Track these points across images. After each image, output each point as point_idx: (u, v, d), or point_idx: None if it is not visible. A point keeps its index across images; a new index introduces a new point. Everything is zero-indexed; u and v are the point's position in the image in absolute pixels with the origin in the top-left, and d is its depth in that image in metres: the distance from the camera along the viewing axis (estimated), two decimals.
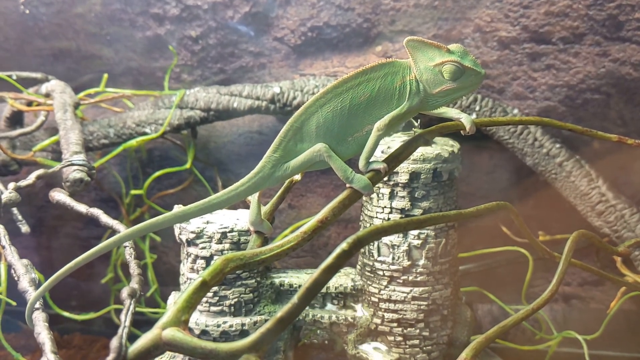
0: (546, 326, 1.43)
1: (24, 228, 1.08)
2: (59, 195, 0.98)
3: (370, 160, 0.84)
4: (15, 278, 0.86)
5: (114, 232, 1.63)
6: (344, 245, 0.69)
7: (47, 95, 1.39)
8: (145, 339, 0.66)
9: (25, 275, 0.84)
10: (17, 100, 1.37)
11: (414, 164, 1.02)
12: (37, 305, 0.79)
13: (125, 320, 0.67)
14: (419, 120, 1.07)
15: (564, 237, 1.43)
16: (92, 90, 1.43)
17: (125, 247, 0.91)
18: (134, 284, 0.74)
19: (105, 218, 0.93)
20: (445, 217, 0.76)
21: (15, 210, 1.08)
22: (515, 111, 1.36)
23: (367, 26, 1.44)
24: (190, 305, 0.71)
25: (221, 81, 1.53)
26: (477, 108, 1.34)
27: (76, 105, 1.29)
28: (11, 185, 1.00)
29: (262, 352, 0.69)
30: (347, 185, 0.83)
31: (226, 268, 0.77)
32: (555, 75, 1.39)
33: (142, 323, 1.68)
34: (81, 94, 1.40)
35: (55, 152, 1.45)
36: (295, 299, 0.69)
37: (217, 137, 1.57)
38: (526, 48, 1.38)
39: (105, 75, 1.42)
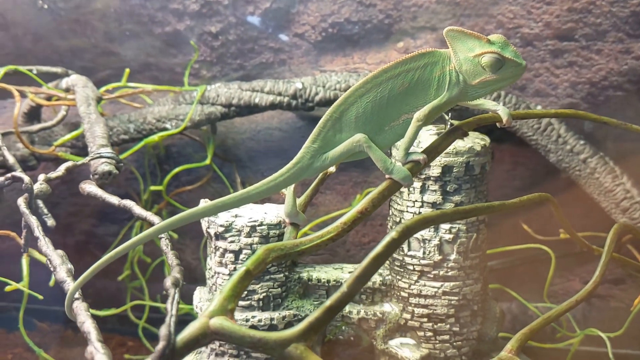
0: (567, 324, 1.42)
1: (50, 222, 1.07)
2: (90, 187, 0.97)
3: (409, 151, 0.83)
4: (51, 269, 0.85)
5: (131, 228, 1.64)
6: (393, 234, 0.68)
7: (67, 90, 1.38)
8: (193, 328, 0.65)
9: (62, 265, 0.83)
10: (37, 95, 1.36)
11: (447, 157, 1.02)
12: (77, 295, 0.78)
13: (171, 309, 0.67)
14: (449, 114, 1.06)
15: (586, 235, 1.43)
16: (113, 85, 1.42)
17: (160, 238, 0.90)
18: (176, 273, 0.74)
19: (138, 209, 0.92)
20: (490, 208, 0.75)
21: (41, 203, 1.07)
22: (539, 107, 1.36)
23: (389, 22, 1.44)
24: (235, 294, 0.70)
25: (240, 77, 1.52)
26: (500, 104, 1.33)
27: (98, 100, 1.28)
28: (41, 176, 0.99)
29: (311, 341, 0.69)
30: (387, 176, 0.83)
31: (268, 258, 0.76)
32: (578, 72, 1.39)
33: (155, 321, 1.67)
34: (102, 89, 1.39)
35: (75, 148, 1.44)
36: (344, 287, 0.68)
37: (235, 133, 1.56)
38: (549, 45, 1.38)
39: (127, 70, 1.41)
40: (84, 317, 0.71)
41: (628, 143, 1.39)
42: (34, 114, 1.50)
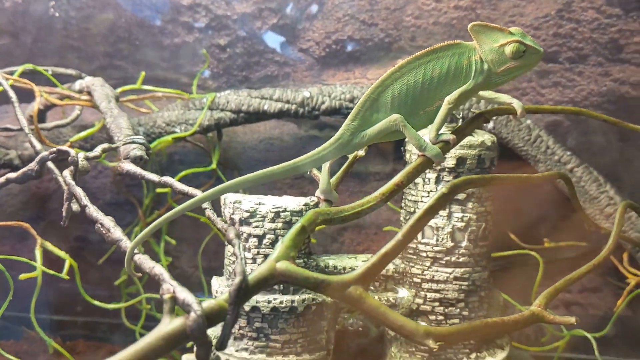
0: (554, 327, 1.50)
1: (75, 207, 1.11)
2: (128, 166, 1.02)
3: (439, 132, 0.91)
4: (104, 232, 0.89)
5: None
6: (443, 189, 0.75)
7: (81, 92, 1.42)
8: (261, 269, 0.71)
9: (116, 228, 0.87)
10: (50, 95, 1.40)
11: (461, 149, 1.10)
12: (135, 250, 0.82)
13: (240, 252, 0.71)
14: (460, 113, 1.15)
15: (568, 245, 1.53)
16: (127, 87, 1.47)
17: (205, 208, 0.95)
18: (233, 228, 0.79)
19: (179, 185, 0.97)
20: (520, 178, 0.83)
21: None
22: (529, 121, 1.47)
23: (389, 41, 1.54)
24: (294, 244, 0.75)
25: (245, 88, 1.59)
26: (495, 118, 1.44)
27: (116, 99, 1.33)
28: (81, 154, 1.03)
29: (368, 285, 0.74)
30: (420, 153, 0.90)
31: (317, 219, 0.82)
32: (562, 92, 1.51)
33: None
34: (118, 90, 1.43)
35: (83, 149, 1.47)
36: (399, 235, 0.74)
37: (237, 142, 1.62)
38: (535, 66, 1.50)
39: (143, 73, 1.46)
40: (150, 262, 0.75)
41: (607, 159, 1.52)
42: (39, 116, 1.52)
